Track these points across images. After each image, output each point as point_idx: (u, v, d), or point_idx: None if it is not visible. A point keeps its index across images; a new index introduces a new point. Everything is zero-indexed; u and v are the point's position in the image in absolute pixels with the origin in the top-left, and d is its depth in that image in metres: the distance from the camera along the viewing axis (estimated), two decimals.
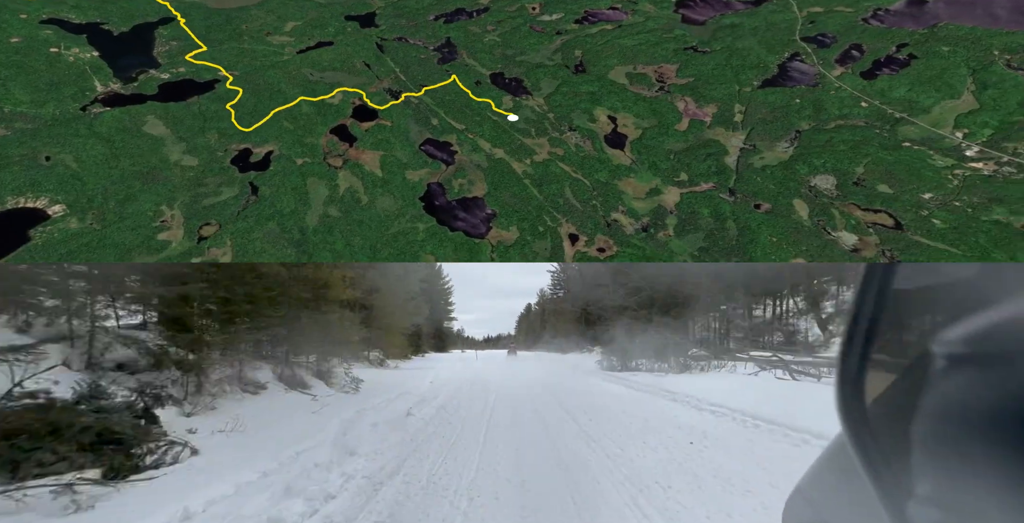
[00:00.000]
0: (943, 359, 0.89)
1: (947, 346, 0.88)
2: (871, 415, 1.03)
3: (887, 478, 0.96)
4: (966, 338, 0.85)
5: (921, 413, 0.91)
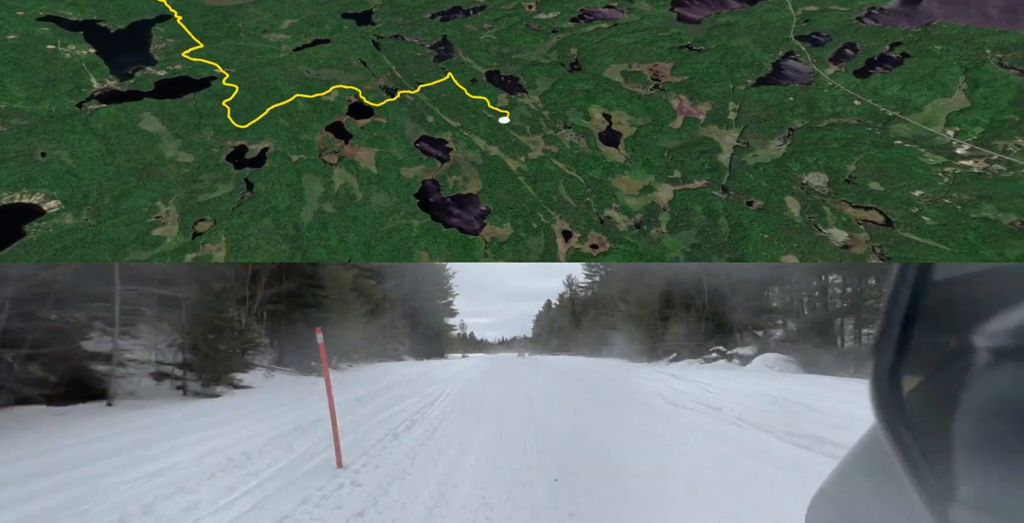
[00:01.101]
0: (987, 352, 0.84)
1: (992, 338, 0.83)
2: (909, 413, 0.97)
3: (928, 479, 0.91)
4: (1013, 330, 0.80)
5: (963, 410, 0.86)
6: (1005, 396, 0.79)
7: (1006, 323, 0.80)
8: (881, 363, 1.00)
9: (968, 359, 0.87)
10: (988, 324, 0.83)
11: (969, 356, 0.86)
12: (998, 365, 0.82)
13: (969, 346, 0.86)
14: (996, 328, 0.82)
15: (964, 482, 0.85)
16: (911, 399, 0.98)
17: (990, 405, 0.82)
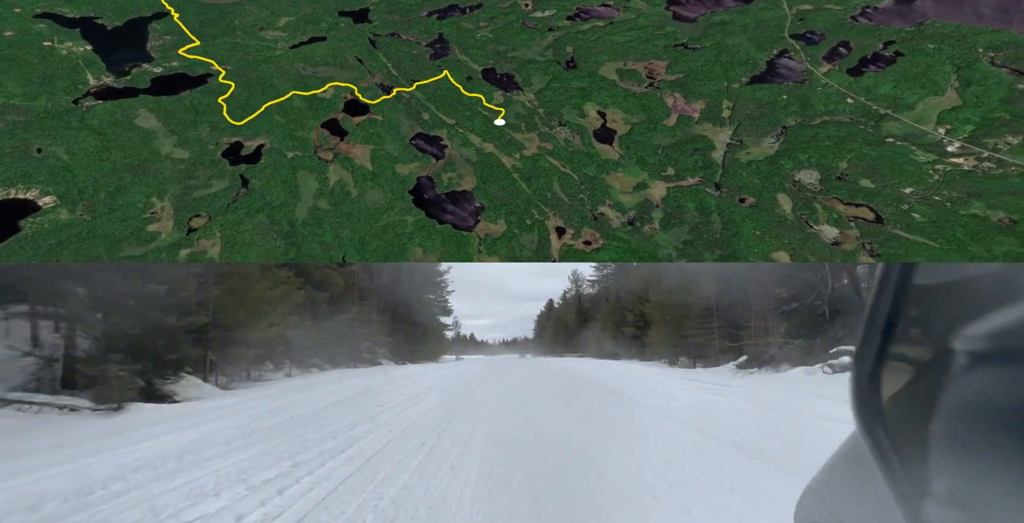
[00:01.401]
0: (964, 356, 0.86)
1: (969, 343, 0.85)
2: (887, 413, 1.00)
3: (903, 477, 0.94)
4: (989, 335, 0.81)
5: (940, 411, 0.89)
6: (982, 397, 0.81)
7: (983, 327, 0.82)
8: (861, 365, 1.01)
9: (946, 362, 0.88)
10: (966, 328, 0.85)
11: (947, 359, 0.88)
12: (975, 368, 0.83)
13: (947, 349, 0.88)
14: (973, 332, 0.84)
15: (938, 479, 0.88)
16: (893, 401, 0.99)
17: (967, 406, 0.84)
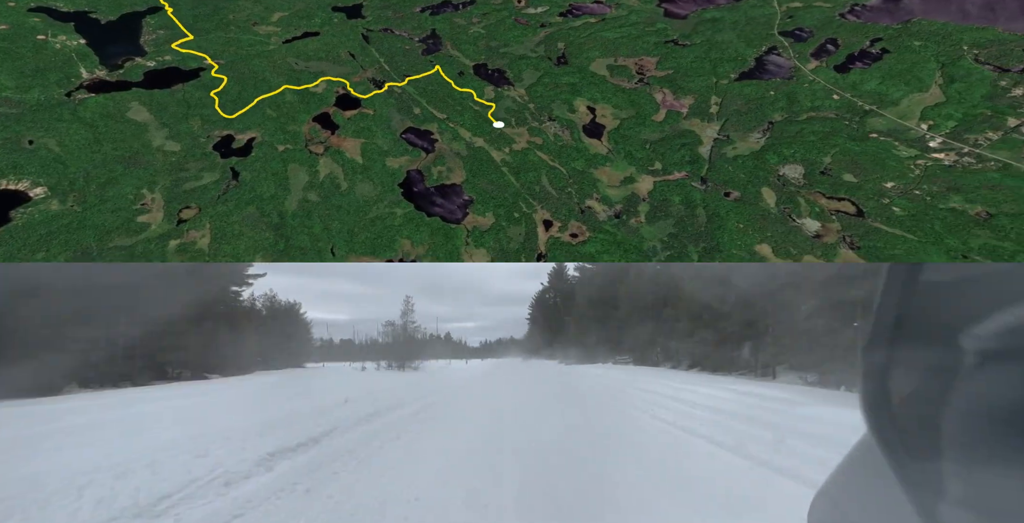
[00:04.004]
0: (975, 355, 0.84)
1: (979, 341, 0.84)
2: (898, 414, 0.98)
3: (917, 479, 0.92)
4: (1000, 333, 0.80)
5: (951, 411, 0.87)
6: (992, 397, 0.80)
7: (993, 325, 0.81)
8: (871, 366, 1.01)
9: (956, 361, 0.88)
10: (975, 327, 0.84)
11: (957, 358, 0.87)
12: (985, 367, 0.83)
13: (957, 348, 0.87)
14: (983, 331, 0.83)
15: (952, 481, 0.86)
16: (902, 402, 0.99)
17: (977, 406, 0.83)
